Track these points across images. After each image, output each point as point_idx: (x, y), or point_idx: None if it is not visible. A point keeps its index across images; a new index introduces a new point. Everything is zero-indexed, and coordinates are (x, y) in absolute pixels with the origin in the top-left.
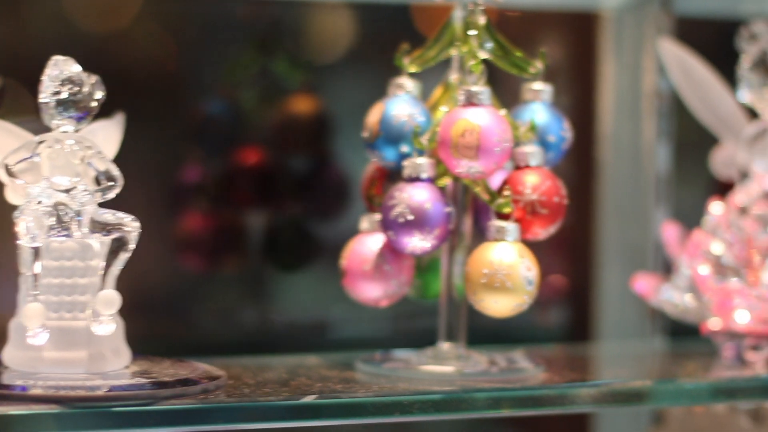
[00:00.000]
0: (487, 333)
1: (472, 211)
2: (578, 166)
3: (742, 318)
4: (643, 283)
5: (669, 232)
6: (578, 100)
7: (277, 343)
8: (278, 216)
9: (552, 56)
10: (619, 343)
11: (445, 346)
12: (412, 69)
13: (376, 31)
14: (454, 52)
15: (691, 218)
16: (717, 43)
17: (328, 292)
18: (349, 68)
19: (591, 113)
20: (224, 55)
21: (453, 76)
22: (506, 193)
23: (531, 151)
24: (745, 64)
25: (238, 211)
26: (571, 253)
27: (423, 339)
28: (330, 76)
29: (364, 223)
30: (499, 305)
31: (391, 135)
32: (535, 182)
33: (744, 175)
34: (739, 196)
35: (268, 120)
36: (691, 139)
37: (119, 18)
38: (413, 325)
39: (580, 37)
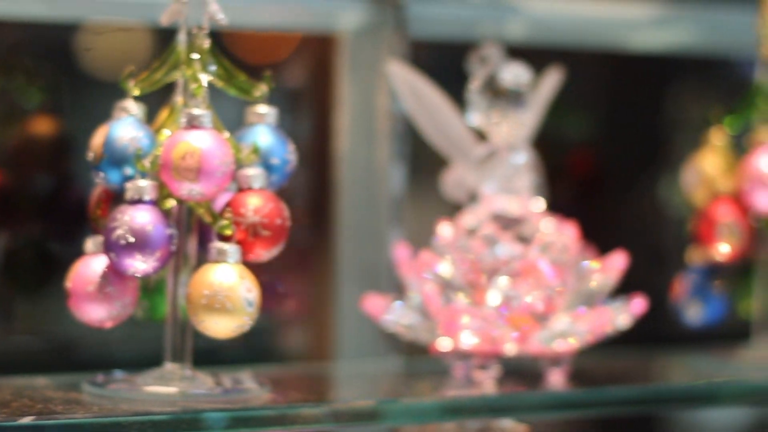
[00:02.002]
0: (226, 353)
1: (197, 233)
2: (315, 186)
3: (469, 338)
4: (373, 304)
5: (400, 252)
6: (315, 122)
7: (15, 365)
8: (17, 237)
9: (289, 78)
10: (356, 363)
11: (169, 366)
12: (136, 92)
13: (117, 52)
14: (178, 76)
15: (425, 239)
16: (451, 67)
17: (69, 312)
18: (89, 89)
19: (327, 134)
20: None
21: (177, 99)
22: (227, 215)
23: (254, 174)
24: (473, 87)
25: None
26: (308, 273)
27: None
28: (70, 97)
29: (89, 244)
30: (219, 326)
31: (114, 157)
32: (257, 204)
33: (473, 197)
34: (468, 217)
35: (7, 141)
36: (426, 161)
37: None
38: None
39: (316, 58)
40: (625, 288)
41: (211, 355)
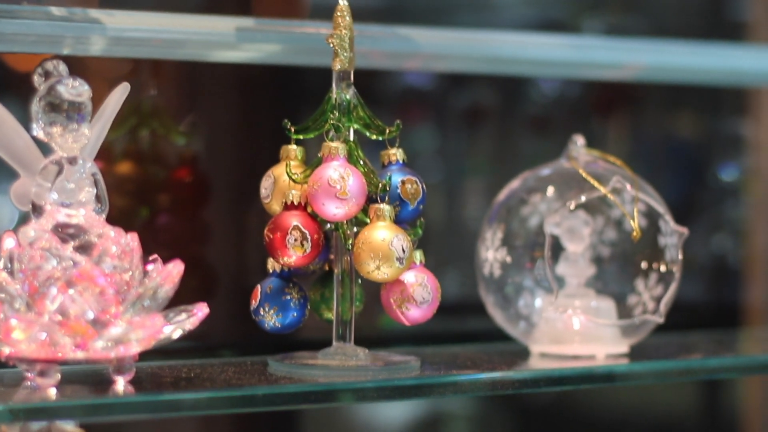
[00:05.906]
0: None
1: None
2: None
3: (27, 346)
4: None
5: None
6: None
7: None
8: None
9: None
10: None
11: None
12: None
13: None
14: None
15: None
16: (28, 80)
17: None
18: None
19: None
20: None
21: None
22: None
23: None
24: (37, 101)
25: None
26: None
27: None
28: None
29: None
30: None
31: None
32: None
33: (36, 209)
34: (30, 228)
35: None
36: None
37: None
38: None
39: None
40: (214, 294)
41: None
